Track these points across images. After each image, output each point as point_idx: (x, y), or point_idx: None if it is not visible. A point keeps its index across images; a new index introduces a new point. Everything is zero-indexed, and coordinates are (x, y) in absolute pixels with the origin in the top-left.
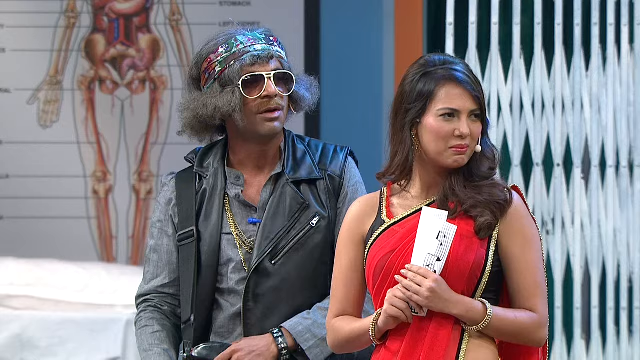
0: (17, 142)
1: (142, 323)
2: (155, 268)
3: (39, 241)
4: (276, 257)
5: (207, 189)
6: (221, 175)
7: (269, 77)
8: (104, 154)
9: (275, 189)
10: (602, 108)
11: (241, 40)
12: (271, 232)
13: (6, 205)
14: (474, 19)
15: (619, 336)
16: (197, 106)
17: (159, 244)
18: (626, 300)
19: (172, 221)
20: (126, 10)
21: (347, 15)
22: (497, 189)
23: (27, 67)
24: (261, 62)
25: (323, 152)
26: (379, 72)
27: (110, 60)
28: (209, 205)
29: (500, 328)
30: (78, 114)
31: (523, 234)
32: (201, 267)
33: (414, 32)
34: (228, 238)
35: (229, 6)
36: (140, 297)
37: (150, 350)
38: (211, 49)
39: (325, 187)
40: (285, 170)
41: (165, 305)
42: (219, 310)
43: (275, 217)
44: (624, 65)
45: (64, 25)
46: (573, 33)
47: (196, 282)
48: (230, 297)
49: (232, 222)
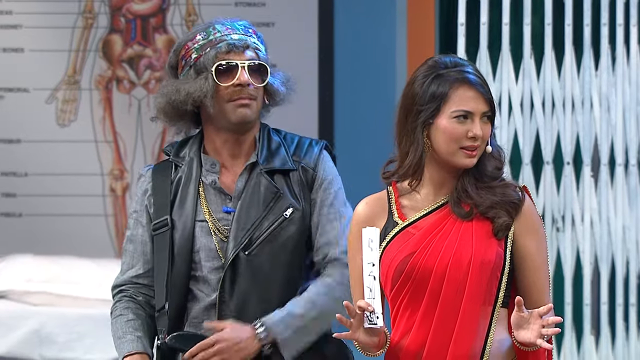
0: (35, 141)
1: (117, 312)
2: (131, 259)
3: (56, 238)
4: (250, 248)
5: (182, 177)
6: (197, 163)
7: (243, 67)
8: (121, 152)
9: (250, 178)
10: (611, 107)
11: (219, 29)
12: (246, 223)
13: (25, 202)
14: (485, 20)
15: (627, 332)
16: (170, 91)
17: (134, 234)
18: (635, 297)
19: (147, 211)
20: (143, 11)
21: (361, 15)
22: (509, 188)
23: (46, 67)
24: (236, 51)
25: (298, 145)
26: (392, 71)
27: (127, 60)
28: (184, 193)
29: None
30: (95, 113)
31: (538, 232)
32: (175, 255)
33: (427, 32)
34: (202, 225)
35: (244, 7)
36: (116, 288)
37: (123, 338)
38: (189, 37)
39: (298, 179)
40: (259, 160)
41: (140, 295)
42: (194, 301)
43: (249, 206)
44: (632, 65)
45: (81, 25)
46: (583, 33)
47: (170, 270)
48: (204, 287)
49: (207, 210)
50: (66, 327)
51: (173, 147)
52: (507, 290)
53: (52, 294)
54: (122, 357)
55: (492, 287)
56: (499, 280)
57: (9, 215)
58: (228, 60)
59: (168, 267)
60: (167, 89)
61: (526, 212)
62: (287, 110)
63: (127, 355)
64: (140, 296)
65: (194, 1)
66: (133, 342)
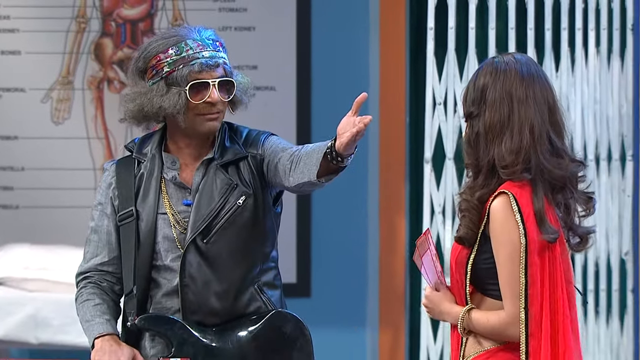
0: (31, 138)
1: (83, 298)
2: (95, 248)
3: (52, 229)
4: (208, 236)
5: (145, 173)
6: (158, 160)
7: (214, 85)
8: (112, 148)
9: (206, 173)
10: (571, 106)
11: (191, 46)
12: (204, 214)
13: (22, 195)
14: (453, 24)
15: (586, 316)
16: (143, 102)
17: (99, 224)
18: (593, 284)
19: (112, 203)
20: (132, 16)
21: (336, 20)
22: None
23: (41, 68)
24: (208, 70)
25: (246, 137)
26: (365, 72)
27: (118, 62)
28: (147, 187)
29: (476, 330)
30: (88, 112)
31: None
32: (140, 243)
33: (398, 36)
34: (163, 218)
35: (227, 12)
36: (80, 275)
37: (92, 321)
38: (160, 48)
39: (248, 167)
40: (215, 156)
41: (105, 282)
42: (157, 288)
43: (206, 198)
44: (590, 67)
45: (75, 29)
46: (544, 37)
47: (136, 257)
48: (166, 274)
49: (168, 203)
50: (61, 311)
51: (135, 144)
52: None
53: (48, 281)
54: (94, 339)
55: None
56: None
57: (7, 207)
58: (201, 79)
59: (134, 254)
60: (140, 99)
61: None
62: (266, 110)
63: (98, 336)
64: (104, 282)
65: (180, 7)
66: (103, 325)
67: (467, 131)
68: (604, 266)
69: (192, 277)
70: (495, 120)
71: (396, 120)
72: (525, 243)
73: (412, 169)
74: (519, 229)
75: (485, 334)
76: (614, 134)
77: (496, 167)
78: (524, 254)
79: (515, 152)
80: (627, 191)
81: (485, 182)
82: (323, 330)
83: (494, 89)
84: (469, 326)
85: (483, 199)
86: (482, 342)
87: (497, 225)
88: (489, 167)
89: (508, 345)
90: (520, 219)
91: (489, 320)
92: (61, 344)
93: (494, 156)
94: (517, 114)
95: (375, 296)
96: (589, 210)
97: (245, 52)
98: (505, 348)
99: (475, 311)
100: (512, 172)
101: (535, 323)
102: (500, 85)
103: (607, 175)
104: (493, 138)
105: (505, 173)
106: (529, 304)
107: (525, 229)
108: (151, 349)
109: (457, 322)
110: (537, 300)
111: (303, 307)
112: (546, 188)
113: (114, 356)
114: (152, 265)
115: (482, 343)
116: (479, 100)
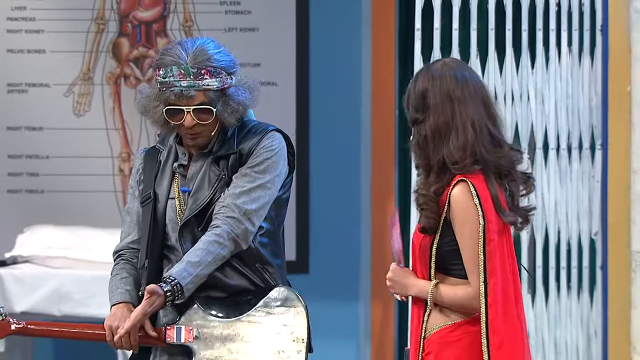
0: (55, 129)
1: (114, 272)
2: (128, 227)
3: (73, 211)
4: (202, 223)
5: (162, 161)
6: (174, 151)
7: (189, 112)
8: (128, 138)
9: (203, 164)
10: (545, 100)
11: (174, 73)
12: (197, 200)
13: (46, 181)
14: (438, 25)
15: (559, 291)
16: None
17: (131, 206)
18: (565, 261)
19: (138, 187)
20: (147, 18)
21: (333, 22)
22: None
23: (64, 65)
24: (184, 98)
25: (247, 132)
26: (358, 70)
27: (134, 60)
28: (162, 174)
29: (444, 302)
30: (106, 105)
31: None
32: (155, 223)
33: (388, 36)
34: (171, 203)
35: (233, 15)
36: (116, 253)
37: (115, 291)
38: (159, 64)
39: (233, 162)
40: (213, 150)
41: (135, 258)
42: (170, 264)
43: (200, 188)
44: (563, 64)
45: (94, 30)
46: (521, 37)
47: (150, 236)
48: (176, 251)
49: (177, 190)
50: (81, 286)
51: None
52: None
53: (70, 259)
54: (111, 306)
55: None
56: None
57: (33, 192)
58: (176, 105)
59: (149, 233)
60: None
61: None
62: (267, 106)
63: (114, 304)
64: (135, 259)
65: (191, 9)
66: (121, 294)
67: (414, 136)
68: (575, 245)
69: None
70: (440, 122)
71: (387, 114)
72: (484, 223)
73: (400, 158)
74: (477, 211)
75: (453, 306)
76: (585, 125)
77: (447, 164)
78: (482, 233)
79: (462, 148)
80: (596, 177)
81: (438, 178)
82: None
83: (434, 93)
84: (436, 299)
85: (439, 192)
86: (450, 315)
87: (458, 209)
88: (439, 165)
89: (474, 317)
90: (478, 202)
91: (456, 293)
92: (82, 315)
93: (443, 155)
94: (459, 113)
95: (367, 273)
96: (529, 189)
97: (249, 51)
98: (471, 321)
99: (442, 285)
100: (463, 167)
101: (493, 294)
102: (438, 90)
103: (579, 163)
104: (440, 138)
105: (457, 168)
106: (488, 277)
107: (483, 211)
108: (163, 317)
109: (426, 295)
110: (494, 274)
111: (302, 282)
112: (495, 175)
113: (121, 321)
114: (163, 244)
115: (449, 316)
116: (422, 106)
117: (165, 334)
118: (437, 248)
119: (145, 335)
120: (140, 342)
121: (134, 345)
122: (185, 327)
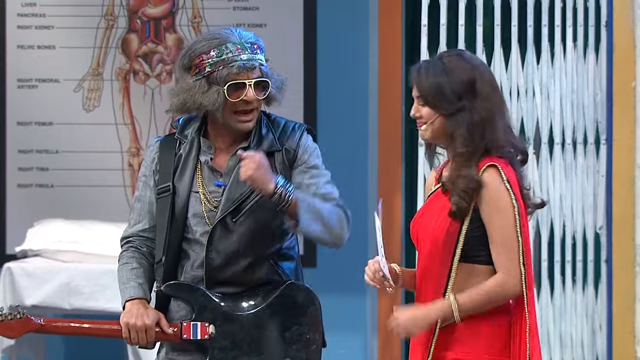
0: (65, 123)
1: (123, 260)
2: (138, 215)
3: (83, 205)
4: (237, 216)
5: (183, 154)
6: (196, 144)
7: (250, 85)
8: (137, 133)
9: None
10: (550, 95)
11: (230, 49)
12: (235, 195)
13: (57, 176)
14: (444, 21)
15: (564, 284)
16: (186, 98)
17: (143, 194)
18: (570, 255)
19: (153, 177)
20: (156, 14)
21: (340, 18)
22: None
23: (74, 61)
24: (245, 72)
25: (283, 129)
26: (365, 65)
27: (143, 55)
28: (184, 167)
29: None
30: (116, 100)
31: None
32: (174, 217)
33: (395, 32)
34: (196, 196)
35: (241, 11)
36: (124, 239)
37: (127, 284)
38: (204, 49)
39: (281, 160)
40: (251, 145)
41: (145, 247)
42: (187, 259)
43: (239, 182)
44: (568, 60)
45: (104, 26)
46: (527, 33)
47: (169, 229)
48: (196, 247)
49: (201, 183)
50: (91, 280)
51: (179, 124)
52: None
53: (79, 253)
54: (125, 301)
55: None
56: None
57: (43, 186)
58: (238, 80)
59: (167, 227)
60: (183, 95)
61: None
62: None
63: (129, 299)
64: (144, 247)
65: (199, 5)
66: (135, 289)
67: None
68: (580, 239)
69: (218, 250)
70: (490, 108)
71: (393, 108)
72: (517, 206)
73: (407, 152)
74: (510, 194)
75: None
76: (590, 120)
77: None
78: (517, 215)
79: (505, 132)
80: (601, 171)
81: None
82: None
83: (482, 81)
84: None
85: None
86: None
87: (490, 193)
88: (481, 151)
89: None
90: (509, 186)
91: (484, 288)
92: (92, 309)
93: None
94: (498, 100)
95: None
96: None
97: None
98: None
99: (459, 294)
100: (505, 151)
101: (529, 276)
102: (484, 77)
103: (584, 158)
104: (490, 124)
105: (501, 152)
106: (525, 260)
107: (514, 194)
108: (176, 313)
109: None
110: (529, 257)
111: (310, 276)
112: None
113: (140, 319)
114: (183, 237)
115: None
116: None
117: (181, 330)
118: (466, 234)
119: (162, 332)
120: (155, 339)
121: (149, 342)
122: (201, 323)
